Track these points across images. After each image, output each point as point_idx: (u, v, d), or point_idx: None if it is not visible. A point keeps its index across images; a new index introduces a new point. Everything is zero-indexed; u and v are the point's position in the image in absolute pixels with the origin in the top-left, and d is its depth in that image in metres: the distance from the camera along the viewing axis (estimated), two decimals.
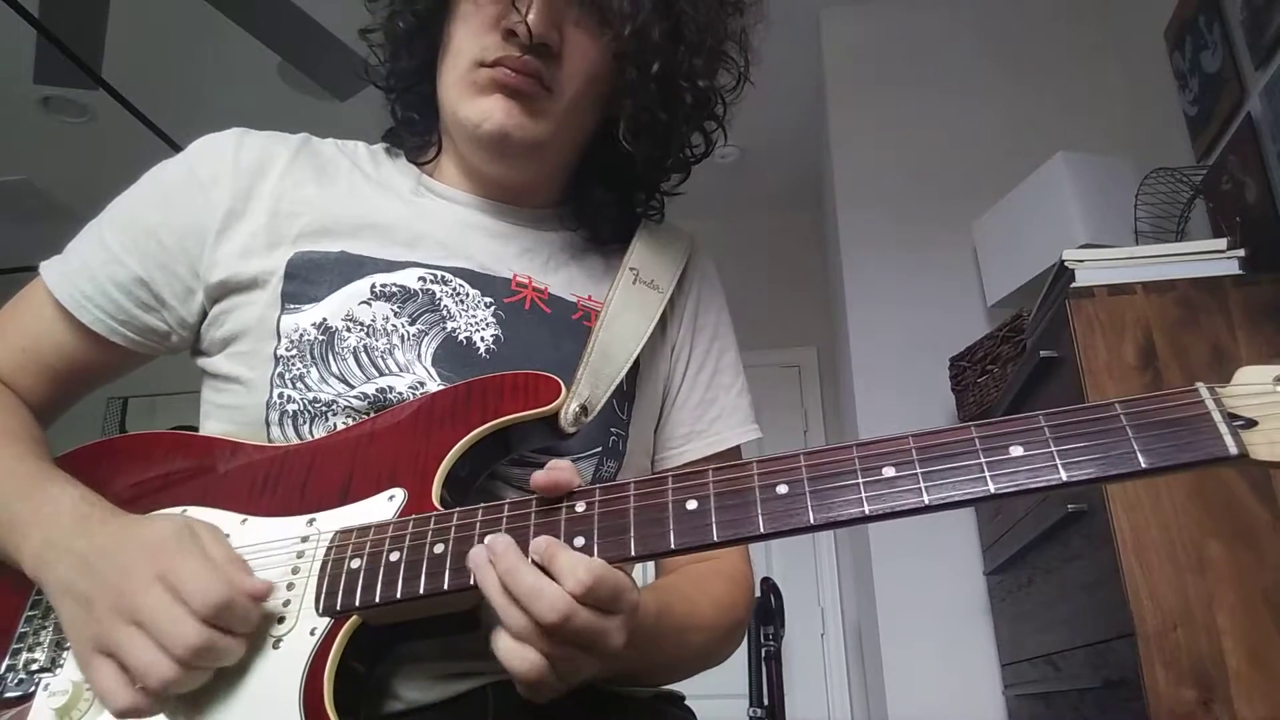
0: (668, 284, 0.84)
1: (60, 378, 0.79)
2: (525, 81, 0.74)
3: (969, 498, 0.51)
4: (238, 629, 0.57)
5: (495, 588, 0.54)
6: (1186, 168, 2.01)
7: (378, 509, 0.63)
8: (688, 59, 0.78)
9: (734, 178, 3.60)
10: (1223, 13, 1.91)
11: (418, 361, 0.73)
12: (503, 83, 0.74)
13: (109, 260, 0.77)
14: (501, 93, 0.75)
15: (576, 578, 0.53)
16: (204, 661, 0.56)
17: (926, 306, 2.51)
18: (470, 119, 0.76)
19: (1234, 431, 0.49)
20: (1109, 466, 0.50)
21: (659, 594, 0.70)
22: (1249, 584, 1.28)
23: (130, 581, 0.57)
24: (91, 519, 0.64)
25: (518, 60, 0.73)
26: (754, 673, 2.15)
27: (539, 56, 0.74)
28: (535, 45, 0.73)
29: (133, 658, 0.56)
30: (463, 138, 0.79)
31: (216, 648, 0.56)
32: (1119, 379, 1.42)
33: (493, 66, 0.74)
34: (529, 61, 0.74)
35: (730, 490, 0.56)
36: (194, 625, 0.55)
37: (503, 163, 0.80)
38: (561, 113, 0.77)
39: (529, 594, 0.53)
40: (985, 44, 2.72)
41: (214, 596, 0.56)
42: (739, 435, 0.87)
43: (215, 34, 2.58)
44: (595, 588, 0.53)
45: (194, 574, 0.57)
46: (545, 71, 0.75)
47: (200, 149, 0.80)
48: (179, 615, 0.55)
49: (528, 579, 0.53)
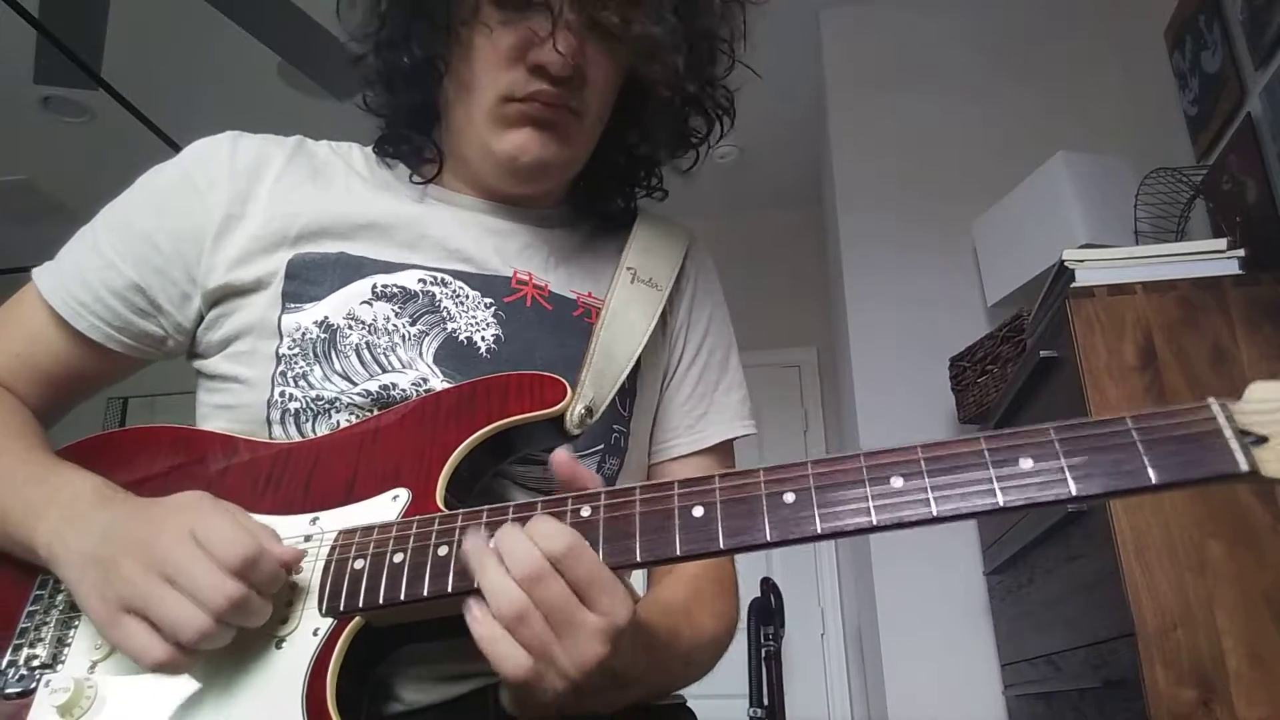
0: (666, 281, 0.85)
1: (57, 382, 0.79)
2: (557, 113, 0.75)
3: (978, 510, 0.51)
4: (266, 589, 0.57)
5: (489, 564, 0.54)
6: (1186, 168, 2.01)
7: (381, 509, 0.63)
8: (702, 66, 0.78)
9: (734, 178, 3.60)
10: (1223, 13, 1.91)
11: (420, 359, 0.73)
12: (535, 116, 0.74)
13: (104, 266, 0.76)
14: (533, 125, 0.75)
15: (550, 541, 0.53)
16: (236, 617, 0.56)
17: (926, 306, 2.51)
18: (506, 153, 0.76)
19: (1245, 448, 0.49)
20: (1119, 481, 0.50)
21: (667, 618, 0.70)
22: (1249, 584, 1.28)
23: (161, 536, 0.57)
24: (113, 499, 0.64)
25: (550, 94, 0.73)
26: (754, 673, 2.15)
27: (568, 87, 0.74)
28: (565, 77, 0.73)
29: (164, 611, 0.55)
30: (490, 166, 0.79)
31: (250, 603, 0.56)
32: (1119, 379, 1.43)
33: (524, 101, 0.74)
34: (561, 94, 0.74)
35: (737, 498, 0.55)
36: (226, 578, 0.55)
37: (533, 185, 0.81)
38: (588, 132, 0.79)
39: (511, 549, 0.53)
40: (985, 44, 2.72)
41: (242, 549, 0.55)
42: (728, 431, 0.87)
43: (215, 34, 2.58)
44: (570, 560, 0.53)
45: (222, 529, 0.57)
46: (574, 99, 0.75)
47: (195, 153, 0.80)
48: (211, 568, 0.55)
49: (516, 535, 0.54)
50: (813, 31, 2.87)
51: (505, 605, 0.53)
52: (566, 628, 0.53)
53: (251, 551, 0.56)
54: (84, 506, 0.63)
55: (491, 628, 0.54)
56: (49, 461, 0.70)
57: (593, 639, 0.54)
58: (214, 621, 0.55)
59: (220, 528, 0.57)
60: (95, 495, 0.64)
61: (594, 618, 0.54)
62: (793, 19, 2.80)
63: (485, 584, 0.54)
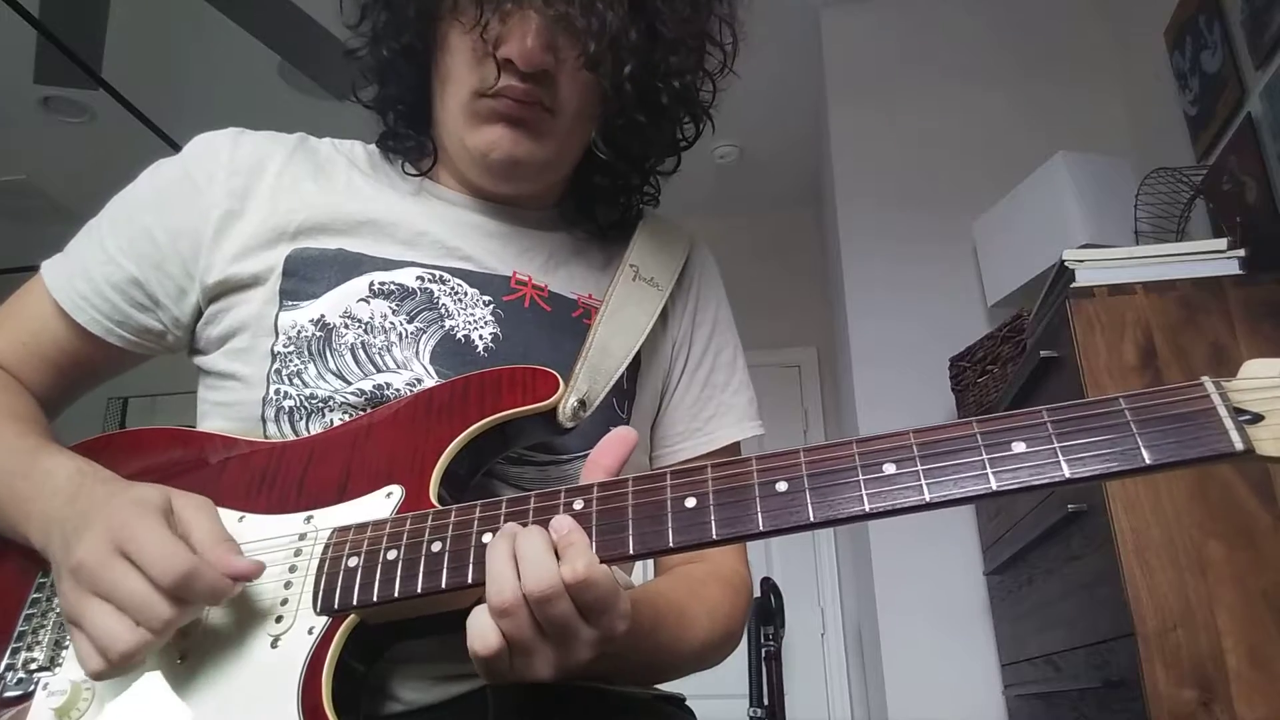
0: (667, 281, 0.84)
1: (62, 371, 0.80)
2: (528, 110, 0.73)
3: (971, 494, 0.51)
4: (205, 603, 0.57)
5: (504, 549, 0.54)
6: (1186, 168, 2.01)
7: (375, 506, 0.63)
8: (665, 58, 0.76)
9: (734, 178, 3.60)
10: (1223, 13, 1.91)
11: (415, 359, 0.73)
12: (505, 113, 0.73)
13: (105, 261, 0.77)
14: (504, 122, 0.74)
15: (573, 566, 0.52)
16: (168, 631, 0.56)
17: (926, 306, 2.50)
18: (477, 148, 0.75)
19: (1240, 427, 0.48)
20: (1113, 463, 0.49)
21: (654, 604, 0.69)
22: (1249, 584, 1.28)
23: (90, 553, 0.57)
24: (81, 489, 0.64)
25: (518, 90, 0.72)
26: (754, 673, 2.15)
27: (538, 82, 0.72)
28: (534, 73, 0.72)
29: (95, 629, 0.56)
30: (468, 163, 0.78)
31: (182, 619, 0.56)
32: (1119, 379, 1.42)
33: (494, 97, 0.73)
34: (530, 90, 0.72)
35: (729, 487, 0.55)
36: (155, 597, 0.55)
37: (510, 184, 0.80)
38: (565, 130, 0.77)
39: (533, 558, 0.53)
40: (986, 44, 2.72)
41: (176, 568, 0.55)
42: (736, 432, 0.87)
43: (215, 34, 2.58)
44: (585, 588, 0.52)
45: (153, 544, 0.56)
46: (545, 95, 0.74)
47: (196, 149, 0.80)
48: (142, 587, 0.55)
49: (539, 544, 0.54)
50: (813, 31, 2.87)
51: (495, 596, 0.53)
52: (560, 638, 0.54)
53: (183, 569, 0.55)
54: (57, 503, 0.63)
55: None
56: (37, 448, 0.70)
57: (583, 648, 0.54)
58: (141, 640, 0.55)
59: (150, 542, 0.56)
60: (68, 489, 0.64)
61: (589, 631, 0.54)
62: (793, 19, 2.80)
63: (489, 566, 0.54)
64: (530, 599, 0.52)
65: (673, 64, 0.77)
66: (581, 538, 0.54)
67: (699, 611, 0.75)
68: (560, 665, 0.54)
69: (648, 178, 0.88)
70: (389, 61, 0.79)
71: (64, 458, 0.68)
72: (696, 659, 0.75)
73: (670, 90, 0.78)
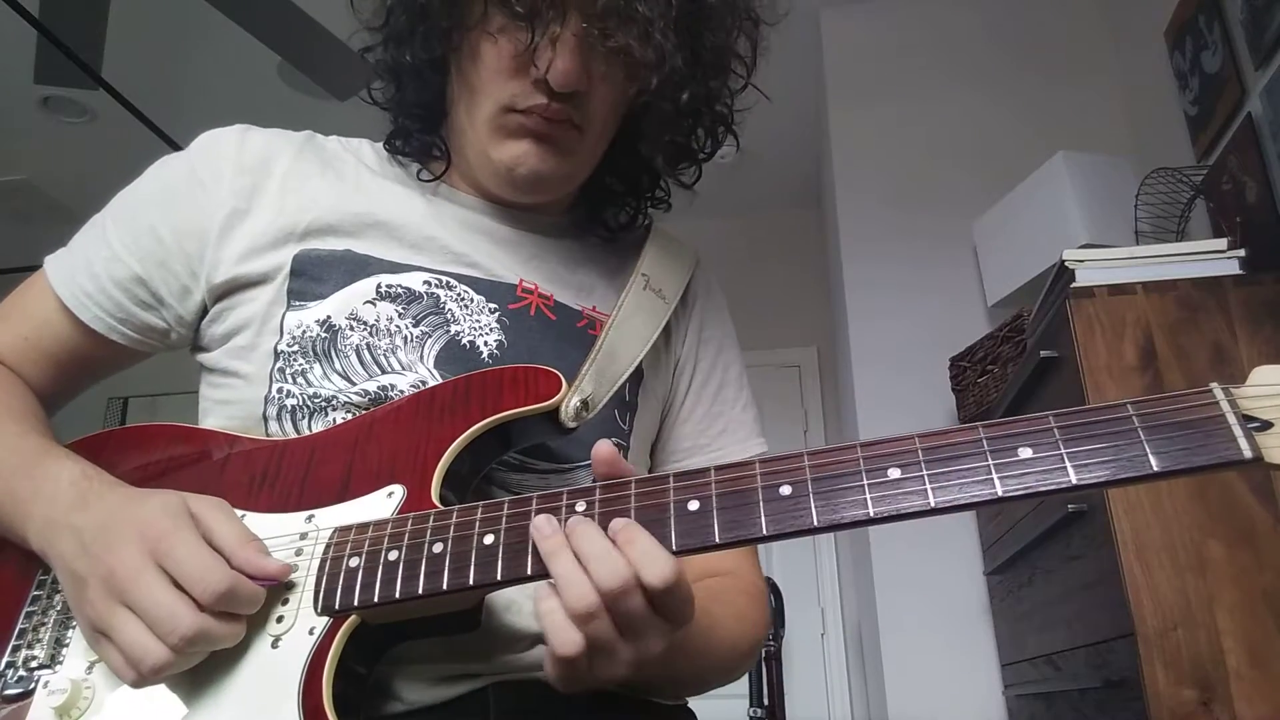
0: (673, 295, 0.84)
1: (63, 366, 0.79)
2: (557, 128, 0.73)
3: (976, 500, 0.50)
4: (242, 612, 0.57)
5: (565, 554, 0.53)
6: (1187, 168, 2.01)
7: (377, 506, 0.63)
8: (705, 83, 0.77)
9: (734, 178, 3.59)
10: (1223, 13, 1.91)
11: (420, 362, 0.73)
12: (534, 130, 0.73)
13: (109, 258, 0.77)
14: (532, 138, 0.74)
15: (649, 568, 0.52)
16: (200, 647, 0.56)
17: (926, 306, 2.50)
18: (503, 162, 0.75)
19: (1249, 434, 0.47)
20: (1120, 469, 0.49)
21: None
22: (1249, 584, 1.28)
23: (123, 564, 0.57)
24: (89, 493, 0.63)
25: (550, 109, 0.72)
26: (754, 673, 2.15)
27: (569, 101, 0.72)
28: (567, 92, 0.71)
29: (125, 642, 0.55)
30: (489, 174, 0.78)
31: (213, 634, 0.56)
32: (1119, 379, 1.42)
33: (523, 112, 0.73)
34: (562, 109, 0.72)
35: (733, 491, 0.55)
36: (189, 612, 0.55)
37: (529, 196, 0.80)
38: (591, 146, 0.77)
39: (599, 556, 0.52)
40: (986, 44, 2.72)
41: (216, 585, 0.55)
42: (744, 450, 0.86)
43: (215, 34, 2.58)
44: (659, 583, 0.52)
45: (190, 557, 0.56)
46: (576, 113, 0.74)
47: (202, 146, 0.79)
48: (172, 601, 0.55)
49: (600, 542, 0.53)
50: (813, 31, 2.87)
51: (577, 600, 0.52)
52: (636, 633, 0.54)
53: (225, 586, 0.55)
54: (61, 508, 0.63)
55: (553, 603, 0.53)
56: (38, 448, 0.69)
57: (658, 639, 0.54)
58: (172, 655, 0.55)
59: (187, 555, 0.56)
60: (72, 492, 0.64)
61: (661, 621, 0.54)
62: (793, 19, 2.79)
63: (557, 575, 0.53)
64: (607, 597, 0.52)
65: (713, 88, 0.78)
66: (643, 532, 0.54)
67: (726, 615, 0.75)
68: (638, 660, 0.54)
69: (659, 180, 0.88)
70: (412, 67, 0.78)
71: (68, 461, 0.67)
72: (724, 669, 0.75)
73: (712, 114, 0.79)
